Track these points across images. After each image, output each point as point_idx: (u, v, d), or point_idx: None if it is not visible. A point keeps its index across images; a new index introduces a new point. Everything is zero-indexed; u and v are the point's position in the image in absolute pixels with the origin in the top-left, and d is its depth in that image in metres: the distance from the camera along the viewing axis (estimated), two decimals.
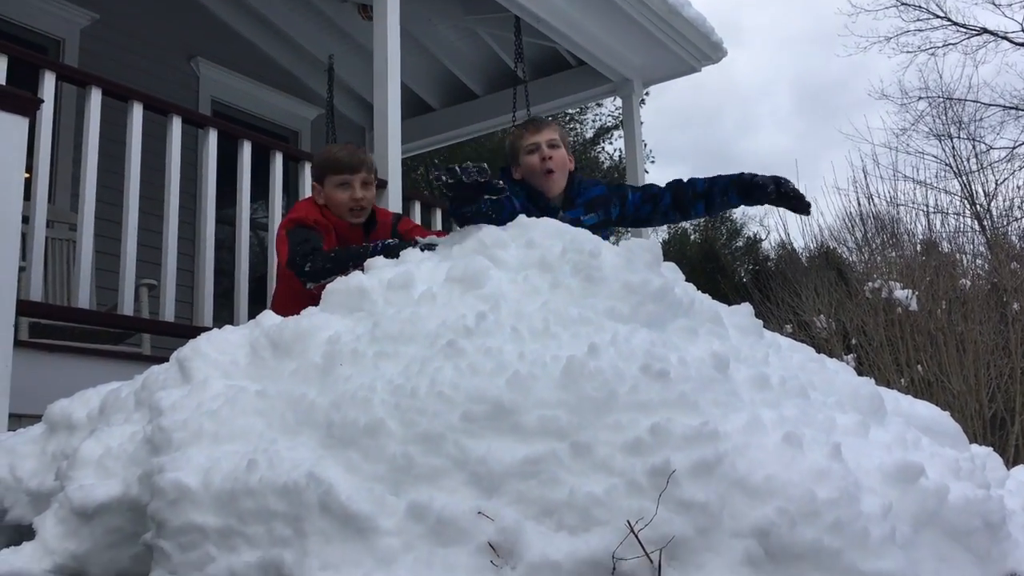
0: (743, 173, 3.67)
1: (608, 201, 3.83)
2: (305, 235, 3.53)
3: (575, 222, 3.64)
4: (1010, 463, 5.98)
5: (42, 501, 2.43)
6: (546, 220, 2.77)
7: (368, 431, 2.02)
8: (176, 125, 4.97)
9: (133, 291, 4.71)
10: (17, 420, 3.54)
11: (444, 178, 2.93)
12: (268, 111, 8.52)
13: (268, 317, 2.59)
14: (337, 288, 2.58)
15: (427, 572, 1.79)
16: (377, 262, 2.79)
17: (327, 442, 2.07)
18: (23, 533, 2.41)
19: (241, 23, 8.32)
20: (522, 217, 2.80)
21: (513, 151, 3.81)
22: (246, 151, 5.27)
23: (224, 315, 5.17)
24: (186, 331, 4.60)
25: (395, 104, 5.68)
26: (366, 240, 3.75)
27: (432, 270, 2.61)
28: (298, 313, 2.59)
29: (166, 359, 2.68)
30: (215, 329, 2.64)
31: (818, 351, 3.10)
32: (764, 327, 2.85)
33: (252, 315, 3.78)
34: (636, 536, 1.78)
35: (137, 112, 4.77)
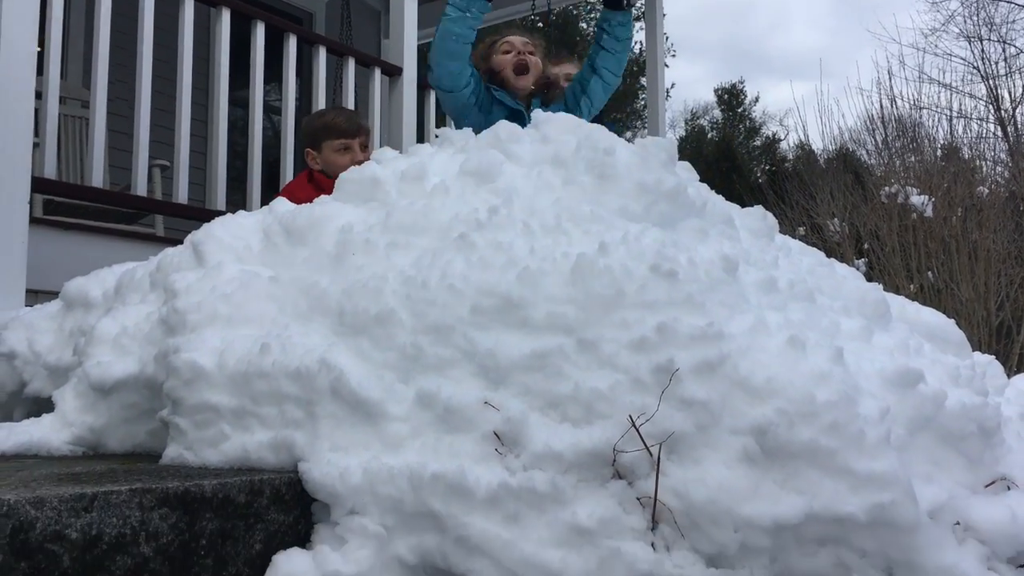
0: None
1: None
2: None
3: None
4: (1013, 371, 6.05)
5: (60, 376, 2.50)
6: (563, 115, 2.75)
7: (379, 320, 2.06)
8: (189, 3, 4.88)
9: (146, 171, 4.71)
10: (33, 296, 3.60)
11: None
12: None
13: (281, 204, 2.60)
14: (351, 177, 2.57)
15: (433, 457, 1.85)
16: (387, 153, 2.78)
17: (339, 329, 2.11)
18: (41, 405, 2.49)
19: None
20: (538, 112, 2.79)
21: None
22: (259, 32, 5.18)
23: (236, 199, 5.18)
24: (199, 213, 4.63)
25: None
26: None
27: (446, 162, 2.60)
28: None
29: (179, 241, 2.71)
30: (228, 214, 2.65)
31: (830, 255, 3.10)
32: (779, 229, 2.86)
33: (265, 199, 3.81)
34: (637, 430, 1.83)
35: None
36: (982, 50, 16.03)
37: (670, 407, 1.85)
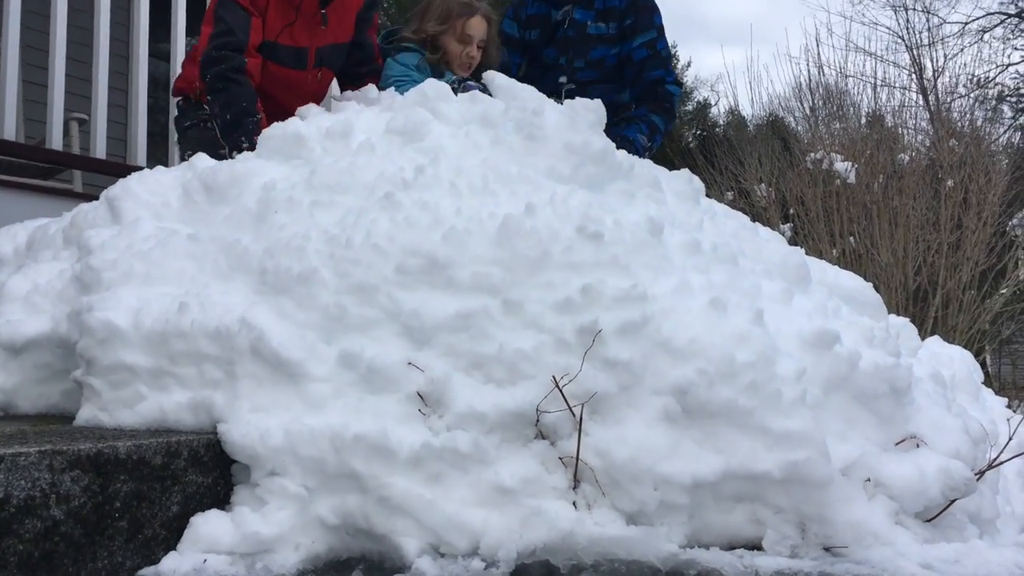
0: (639, 136, 3.62)
1: (623, 17, 3.68)
2: (231, 21, 3.20)
3: (581, 26, 3.64)
4: (928, 334, 6.25)
5: None
6: (492, 76, 2.73)
7: (302, 279, 2.03)
8: None
9: (62, 125, 4.54)
10: None
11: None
12: None
13: (201, 159, 2.53)
14: (273, 134, 2.51)
15: (356, 418, 1.84)
16: (312, 110, 2.73)
17: (260, 289, 2.07)
18: None
19: None
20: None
21: None
22: None
23: (159, 155, 5.04)
24: (118, 169, 4.48)
25: None
26: (322, 14, 3.38)
27: (372, 120, 2.55)
28: None
29: (97, 197, 2.62)
30: (146, 169, 2.57)
31: (757, 219, 3.15)
32: (706, 194, 2.88)
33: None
34: (560, 391, 1.84)
35: None
36: (907, 20, 16.37)
37: (593, 368, 1.86)
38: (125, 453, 1.68)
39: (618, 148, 2.80)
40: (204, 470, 1.83)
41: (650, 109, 3.66)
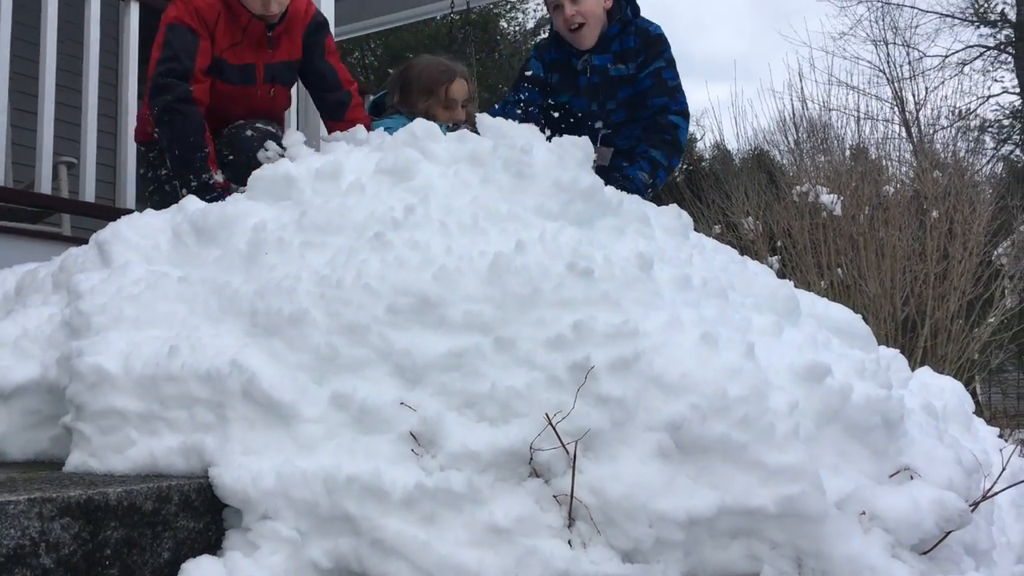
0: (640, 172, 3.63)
1: (637, 56, 3.73)
2: (178, 47, 3.18)
3: (602, 71, 3.71)
4: (917, 364, 6.27)
5: None
6: (481, 117, 2.76)
7: (293, 320, 2.02)
8: None
9: (51, 168, 4.53)
10: None
11: None
12: None
13: (191, 202, 2.54)
14: (263, 175, 2.52)
15: (348, 459, 1.82)
16: (302, 151, 2.74)
17: (251, 330, 2.06)
18: None
19: None
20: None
21: (544, 2, 3.84)
22: None
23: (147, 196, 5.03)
24: (107, 212, 4.47)
25: None
26: (268, 37, 3.37)
27: (362, 160, 2.57)
28: None
29: (86, 241, 2.61)
30: (136, 212, 2.57)
31: (745, 252, 3.17)
32: (695, 228, 2.90)
33: (177, 198, 3.68)
34: (554, 428, 1.83)
35: None
36: (888, 54, 16.61)
37: (586, 404, 1.86)
38: (115, 499, 1.66)
39: (620, 186, 2.90)
40: (195, 515, 1.81)
41: (651, 144, 3.67)
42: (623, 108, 3.76)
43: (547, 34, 3.90)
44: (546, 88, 3.87)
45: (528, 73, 3.87)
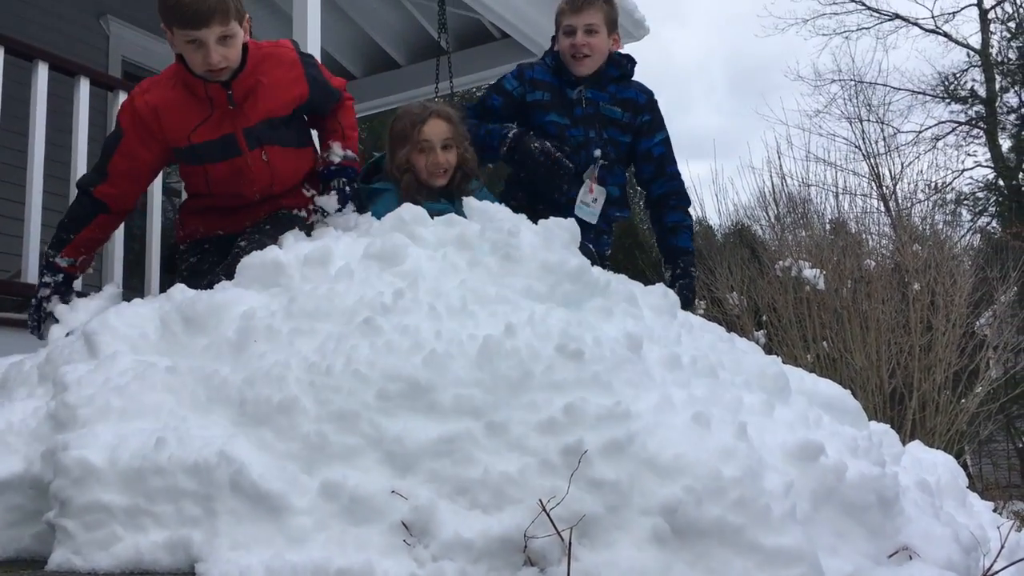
0: (680, 260, 3.90)
1: (639, 112, 3.84)
2: (102, 151, 3.10)
3: (594, 104, 3.77)
4: (907, 437, 6.25)
5: None
6: (467, 201, 2.79)
7: (282, 409, 2.01)
8: (84, 87, 4.78)
9: (38, 258, 4.53)
10: None
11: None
12: None
13: (179, 291, 2.53)
14: (252, 263, 2.53)
15: (339, 551, 1.79)
16: (288, 239, 2.76)
17: (239, 420, 2.04)
18: None
19: None
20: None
21: (556, 23, 3.83)
22: None
23: (134, 283, 5.02)
24: None
25: None
26: (228, 95, 3.01)
27: (350, 245, 2.58)
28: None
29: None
30: (124, 302, 2.56)
31: (730, 327, 3.19)
32: (680, 306, 2.91)
33: (164, 285, 3.69)
34: (548, 514, 1.81)
35: (42, 72, 4.57)
36: (862, 130, 16.98)
37: (580, 489, 1.84)
38: None
39: (679, 260, 3.68)
40: None
41: (685, 213, 4.00)
42: (611, 145, 3.80)
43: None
44: (516, 106, 3.81)
45: (496, 97, 3.84)
